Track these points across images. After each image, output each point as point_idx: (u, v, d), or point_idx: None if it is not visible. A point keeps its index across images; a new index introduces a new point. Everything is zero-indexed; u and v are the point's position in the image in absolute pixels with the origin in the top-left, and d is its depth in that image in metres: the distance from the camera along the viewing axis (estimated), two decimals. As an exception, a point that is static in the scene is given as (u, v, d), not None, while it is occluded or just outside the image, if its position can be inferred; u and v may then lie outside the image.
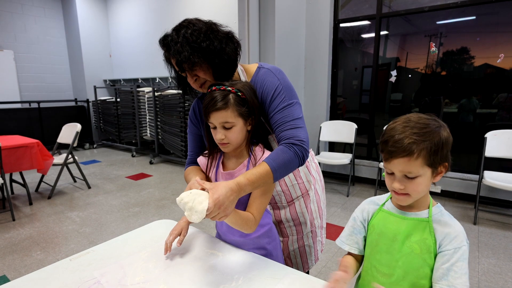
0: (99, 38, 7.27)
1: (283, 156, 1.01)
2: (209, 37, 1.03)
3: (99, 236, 2.87)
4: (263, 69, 1.16)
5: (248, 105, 1.02)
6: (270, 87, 1.10)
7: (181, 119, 5.17)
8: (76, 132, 4.02)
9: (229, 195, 0.86)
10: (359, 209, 1.00)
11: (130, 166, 5.52)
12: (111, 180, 4.65)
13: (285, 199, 1.31)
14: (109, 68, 7.49)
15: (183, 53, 1.00)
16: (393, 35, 4.28)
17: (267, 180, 0.97)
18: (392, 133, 0.82)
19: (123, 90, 6.57)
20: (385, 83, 4.22)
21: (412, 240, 0.86)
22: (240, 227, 0.98)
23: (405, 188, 0.83)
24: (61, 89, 7.32)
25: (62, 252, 2.60)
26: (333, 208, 3.44)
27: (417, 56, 4.08)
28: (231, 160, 1.14)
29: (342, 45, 4.51)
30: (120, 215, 3.33)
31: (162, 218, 3.25)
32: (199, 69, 1.05)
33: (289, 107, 1.08)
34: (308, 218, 1.33)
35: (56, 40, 7.17)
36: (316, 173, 1.40)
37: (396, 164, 0.82)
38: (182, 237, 1.17)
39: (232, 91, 1.00)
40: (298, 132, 1.05)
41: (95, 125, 7.43)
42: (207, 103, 1.01)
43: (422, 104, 3.97)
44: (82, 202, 3.74)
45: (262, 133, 1.12)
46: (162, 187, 4.28)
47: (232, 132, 1.03)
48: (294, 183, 1.30)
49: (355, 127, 3.98)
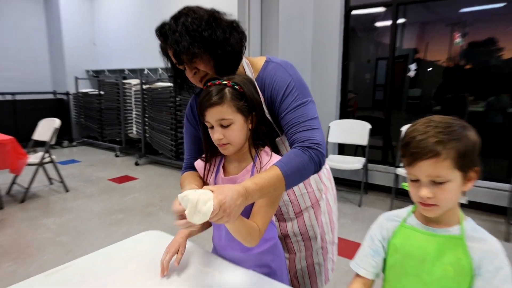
0: (83, 24, 7.26)
1: (297, 160, 0.99)
2: (212, 25, 1.03)
3: (77, 246, 2.84)
4: (272, 63, 1.15)
5: (247, 99, 1.02)
6: (281, 83, 1.10)
7: (171, 115, 5.15)
8: (55, 128, 3.99)
9: (235, 199, 0.84)
10: (376, 226, 0.97)
11: (113, 167, 5.49)
12: (92, 182, 4.62)
13: (293, 210, 1.29)
14: (92, 58, 7.47)
15: (181, 43, 1.00)
16: (411, 24, 4.25)
17: (278, 186, 0.95)
18: (414, 133, 0.81)
19: (107, 82, 6.55)
20: (402, 77, 4.21)
21: (445, 261, 0.83)
22: (243, 237, 0.97)
23: (434, 196, 0.80)
24: (38, 80, 7.29)
25: (35, 264, 2.56)
26: (343, 220, 3.42)
27: (438, 47, 4.06)
28: (232, 164, 1.12)
29: (354, 34, 4.48)
30: (101, 223, 3.31)
31: (149, 227, 3.22)
32: (199, 61, 1.05)
33: (303, 106, 1.08)
34: (319, 232, 1.31)
35: (34, 26, 7.14)
36: (327, 181, 1.39)
37: (422, 168, 0.80)
38: (180, 255, 1.15)
39: (228, 84, 1.01)
40: (313, 134, 1.04)
41: (75, 121, 7.42)
42: (201, 100, 1.01)
43: (444, 101, 3.93)
44: (59, 207, 3.71)
45: (267, 133, 1.10)
46: (148, 192, 4.25)
47: (231, 131, 1.01)
48: (303, 192, 1.28)
49: (369, 127, 3.96)
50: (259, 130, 1.08)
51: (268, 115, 1.15)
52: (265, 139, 1.10)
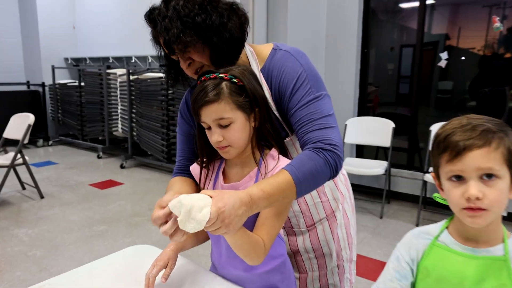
0: (61, 5, 7.27)
1: (310, 163, 0.99)
2: (206, 9, 1.04)
3: (53, 261, 2.86)
4: (280, 51, 1.15)
5: (248, 94, 1.02)
6: (290, 75, 1.10)
7: (163, 110, 5.16)
8: (28, 125, 4.00)
9: (237, 207, 0.84)
10: (403, 246, 0.96)
11: (96, 170, 5.50)
12: (71, 188, 4.63)
13: (304, 222, 1.29)
14: (72, 43, 7.50)
15: (171, 30, 1.01)
16: (441, 5, 4.23)
17: (287, 194, 0.95)
18: (454, 126, 0.81)
19: (89, 71, 6.57)
20: (431, 67, 4.19)
21: (486, 287, 0.82)
22: (245, 253, 0.96)
23: (484, 198, 0.78)
24: (9, 69, 7.32)
25: (5, 282, 2.58)
26: (362, 233, 3.41)
27: (473, 32, 4.04)
28: (234, 169, 1.12)
29: (375, 17, 4.46)
30: (81, 235, 3.32)
31: (135, 240, 3.24)
32: (193, 51, 1.06)
33: (316, 101, 1.08)
34: (334, 249, 1.31)
35: (5, 8, 7.17)
36: (344, 189, 1.39)
37: (471, 160, 0.78)
38: (169, 270, 1.15)
39: (225, 78, 1.00)
40: (329, 134, 1.04)
41: (51, 116, 7.45)
42: (195, 97, 1.01)
43: (480, 96, 3.91)
44: (33, 216, 3.72)
45: (273, 133, 1.10)
46: (136, 199, 4.26)
47: (232, 131, 1.01)
48: (317, 201, 1.28)
49: (392, 125, 3.94)
50: (264, 129, 1.08)
51: (275, 112, 1.15)
52: (271, 139, 1.09)
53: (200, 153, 1.14)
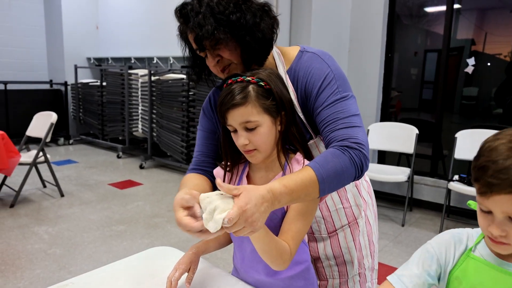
0: (85, 5, 7.39)
1: (334, 161, 0.97)
2: (241, 8, 1.05)
3: (72, 260, 2.88)
4: (307, 53, 1.17)
5: (275, 97, 1.02)
6: (317, 75, 1.11)
7: (183, 112, 5.19)
8: (51, 124, 4.07)
9: (259, 204, 0.83)
10: (441, 244, 0.92)
11: (115, 170, 5.56)
12: (90, 187, 4.69)
13: (325, 228, 1.29)
14: (94, 43, 7.61)
15: (205, 27, 1.02)
16: (467, 10, 4.17)
17: (310, 191, 0.93)
18: (494, 156, 0.76)
19: (111, 71, 6.64)
20: (456, 73, 4.12)
21: None
22: (273, 259, 0.96)
23: (507, 236, 0.77)
24: (34, 68, 7.48)
25: (25, 279, 2.61)
26: (383, 241, 3.37)
27: (500, 38, 3.97)
28: (258, 174, 1.12)
29: (399, 21, 4.42)
30: (100, 234, 3.35)
31: (154, 241, 3.25)
32: (224, 48, 1.07)
33: (343, 100, 1.08)
34: (356, 256, 1.30)
35: (31, 6, 7.32)
36: (367, 195, 1.38)
37: (498, 203, 0.75)
38: (192, 274, 1.15)
39: (253, 81, 1.01)
40: (355, 132, 1.03)
41: (73, 115, 7.57)
42: (221, 100, 1.02)
43: (507, 104, 3.84)
44: (53, 215, 3.77)
45: (298, 136, 1.09)
46: (154, 200, 4.28)
47: (258, 135, 1.01)
48: (339, 207, 1.27)
49: (416, 132, 3.90)
50: (289, 133, 1.07)
51: (300, 114, 1.15)
52: (297, 143, 1.09)
53: (225, 156, 1.14)
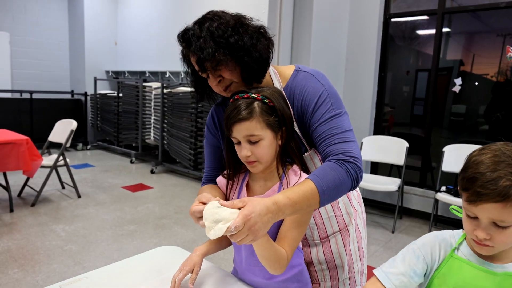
0: (106, 22, 7.49)
1: (332, 174, 0.97)
2: (238, 31, 1.05)
3: (86, 256, 2.89)
4: (302, 73, 1.17)
5: (277, 114, 1.03)
6: (312, 93, 1.11)
7: (192, 122, 5.22)
8: (71, 130, 4.11)
9: (263, 215, 0.83)
10: (427, 245, 0.91)
11: (128, 174, 5.59)
12: (105, 189, 4.71)
13: (318, 234, 1.28)
14: (113, 58, 7.70)
15: (206, 50, 1.02)
16: (456, 33, 4.18)
17: (312, 203, 0.94)
18: (481, 168, 0.77)
19: (127, 84, 6.70)
20: (445, 91, 4.13)
21: None
22: (271, 264, 0.96)
23: (491, 238, 0.78)
24: (57, 79, 7.57)
25: (43, 273, 2.62)
26: (374, 247, 3.35)
27: (487, 59, 3.97)
28: (258, 183, 1.13)
29: (392, 43, 4.44)
30: (112, 233, 3.36)
31: (162, 241, 3.26)
32: (225, 69, 1.07)
33: (337, 117, 1.08)
34: (346, 261, 1.29)
35: (57, 23, 7.45)
36: (357, 204, 1.37)
37: (486, 210, 0.76)
38: (195, 276, 1.15)
39: (258, 98, 1.02)
40: (349, 147, 1.04)
41: (91, 123, 7.62)
42: (228, 114, 1.03)
43: (493, 120, 3.83)
44: (70, 214, 3.80)
45: (296, 150, 1.10)
46: (163, 203, 4.29)
47: (260, 147, 1.02)
48: (331, 215, 1.27)
49: (406, 145, 3.89)
50: (288, 147, 1.08)
51: (296, 128, 1.15)
52: (294, 156, 1.10)
53: (227, 165, 1.14)
